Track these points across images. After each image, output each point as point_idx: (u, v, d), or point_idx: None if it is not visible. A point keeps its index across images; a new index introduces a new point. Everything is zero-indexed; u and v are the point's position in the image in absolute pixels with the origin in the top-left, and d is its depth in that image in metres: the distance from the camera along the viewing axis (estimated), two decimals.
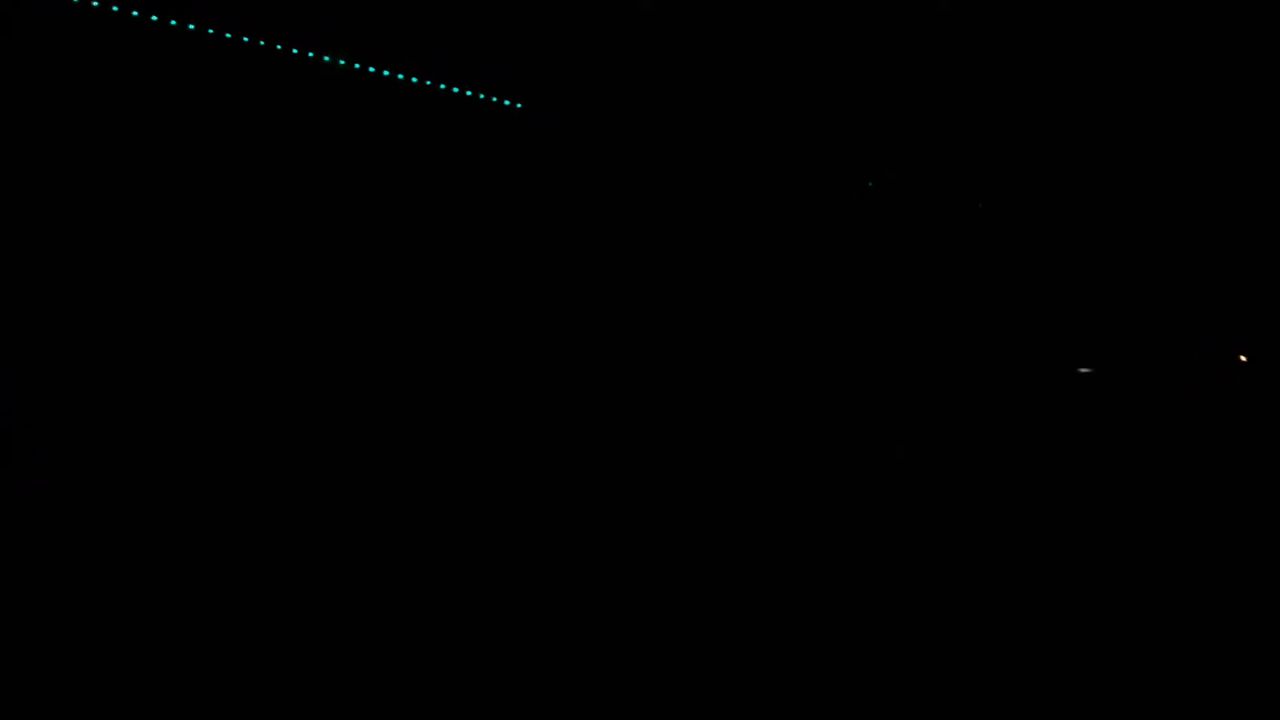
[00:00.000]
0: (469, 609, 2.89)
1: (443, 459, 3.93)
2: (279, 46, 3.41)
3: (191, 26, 3.23)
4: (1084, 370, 5.15)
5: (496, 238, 4.29)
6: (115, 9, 3.05)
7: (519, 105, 4.15)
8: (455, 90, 4.09)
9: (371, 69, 3.75)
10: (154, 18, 3.14)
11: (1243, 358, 4.47)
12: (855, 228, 5.11)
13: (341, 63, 3.60)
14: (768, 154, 4.91)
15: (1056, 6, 4.70)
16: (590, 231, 4.53)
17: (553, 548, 3.53)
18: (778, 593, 3.11)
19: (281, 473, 3.47)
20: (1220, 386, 4.93)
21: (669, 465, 4.37)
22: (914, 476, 4.74)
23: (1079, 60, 4.84)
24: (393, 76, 3.88)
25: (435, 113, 4.10)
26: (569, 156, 4.50)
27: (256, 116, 3.47)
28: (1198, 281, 5.16)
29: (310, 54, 3.52)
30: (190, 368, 3.36)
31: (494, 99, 4.18)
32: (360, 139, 3.84)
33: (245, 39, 3.34)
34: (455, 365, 4.16)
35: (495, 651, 2.57)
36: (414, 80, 3.92)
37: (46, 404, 3.01)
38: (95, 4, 3.02)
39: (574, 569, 3.32)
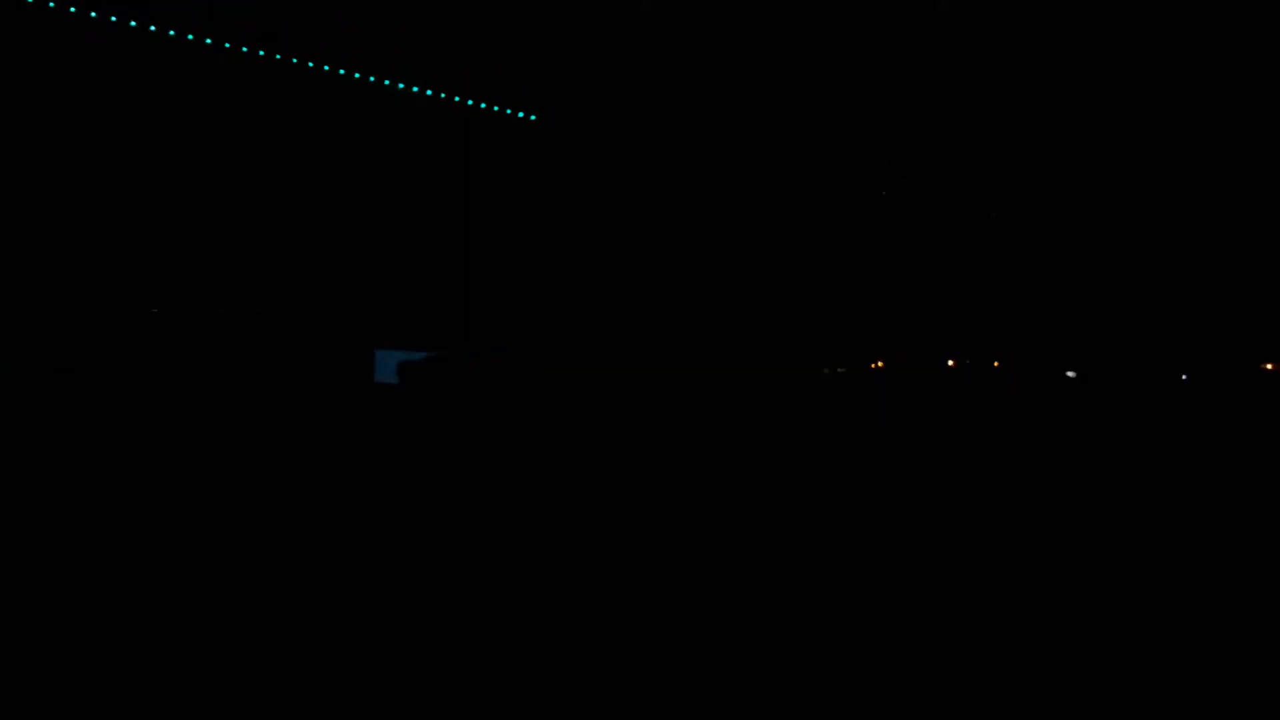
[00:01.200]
0: (467, 606, 2.91)
1: (441, 457, 3.96)
2: (278, 55, 3.48)
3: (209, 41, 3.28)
4: (1073, 374, 5.14)
5: (496, 245, 4.31)
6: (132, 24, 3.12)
7: (521, 114, 4.20)
8: (456, 97, 4.11)
9: (371, 78, 3.79)
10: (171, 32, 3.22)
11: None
12: (852, 232, 5.12)
13: (341, 72, 3.66)
14: (763, 155, 4.91)
15: (1055, 8, 4.69)
16: (586, 235, 4.55)
17: (547, 536, 3.55)
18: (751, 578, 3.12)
19: (282, 469, 3.50)
20: (1212, 392, 4.91)
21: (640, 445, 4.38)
22: (910, 474, 4.73)
23: (1078, 61, 4.82)
24: (393, 84, 3.91)
25: (436, 117, 4.12)
26: (567, 159, 4.51)
27: (257, 122, 3.52)
28: (1201, 285, 5.13)
29: (310, 63, 3.59)
30: (190, 370, 3.39)
31: (495, 105, 4.20)
32: (353, 139, 3.86)
33: (244, 49, 3.40)
34: (459, 363, 4.18)
35: (489, 646, 2.59)
36: (414, 89, 3.95)
37: (46, 404, 3.05)
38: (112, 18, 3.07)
39: (565, 552, 3.34)
